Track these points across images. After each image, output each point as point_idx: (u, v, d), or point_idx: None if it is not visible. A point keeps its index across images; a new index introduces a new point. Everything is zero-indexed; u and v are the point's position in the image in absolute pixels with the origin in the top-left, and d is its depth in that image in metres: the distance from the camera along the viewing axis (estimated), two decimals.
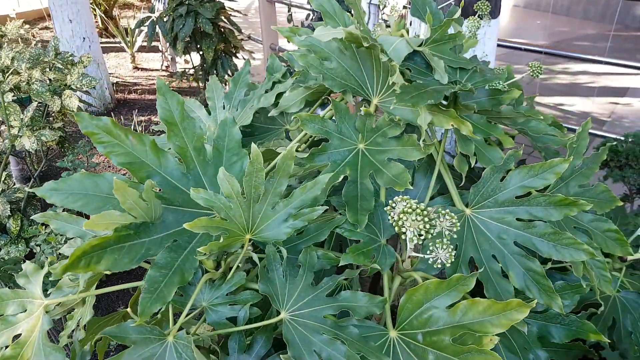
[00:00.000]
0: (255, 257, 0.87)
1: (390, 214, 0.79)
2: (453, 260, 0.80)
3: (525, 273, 1.06)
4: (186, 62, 6.41)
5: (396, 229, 0.74)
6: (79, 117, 0.89)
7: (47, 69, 2.69)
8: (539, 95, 1.55)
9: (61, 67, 2.76)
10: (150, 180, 0.87)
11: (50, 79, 2.69)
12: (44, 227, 2.35)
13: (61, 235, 2.27)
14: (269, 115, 1.24)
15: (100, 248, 0.83)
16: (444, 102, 1.13)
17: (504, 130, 1.21)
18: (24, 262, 2.25)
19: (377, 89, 1.10)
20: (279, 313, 0.84)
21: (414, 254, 0.85)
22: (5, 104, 2.49)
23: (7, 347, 0.90)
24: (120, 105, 5.30)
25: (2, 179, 2.70)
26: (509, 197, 1.11)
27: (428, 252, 0.83)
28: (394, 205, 0.78)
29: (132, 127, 4.66)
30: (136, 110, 5.12)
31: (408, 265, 0.96)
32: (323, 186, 0.89)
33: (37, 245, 2.30)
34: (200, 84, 5.32)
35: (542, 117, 1.28)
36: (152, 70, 6.45)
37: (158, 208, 0.93)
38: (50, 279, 0.90)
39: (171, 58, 6.47)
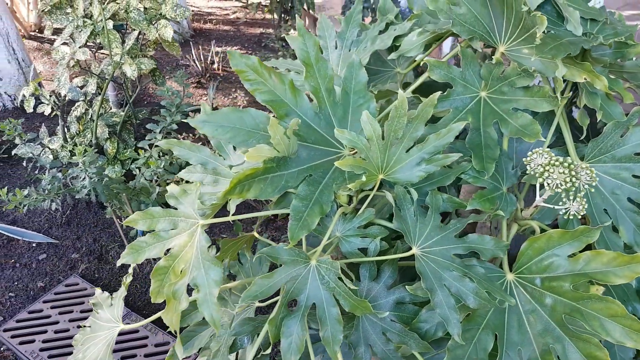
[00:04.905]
0: (390, 197, 0.93)
1: (529, 165, 0.82)
2: (584, 212, 0.83)
3: (635, 229, 1.08)
4: None
5: (540, 179, 0.78)
6: (231, 55, 0.95)
7: None
8: None
9: None
10: (296, 118, 0.93)
11: (145, 8, 2.77)
12: (143, 150, 2.52)
13: (159, 159, 2.43)
14: (388, 58, 1.26)
15: (251, 178, 0.92)
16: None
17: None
18: (125, 182, 2.43)
19: (505, 37, 1.10)
20: (409, 248, 0.92)
21: (542, 203, 0.89)
22: (106, 31, 2.61)
23: (159, 258, 1.03)
24: (197, 35, 5.39)
25: (100, 103, 2.87)
26: (627, 154, 1.11)
27: (560, 203, 0.86)
28: (534, 157, 0.81)
29: (210, 57, 4.76)
30: (214, 40, 5.20)
31: (527, 214, 1.00)
32: (456, 133, 0.93)
33: (136, 168, 2.48)
34: (275, 16, 5.30)
35: None
36: (226, 0, 6.44)
37: (294, 144, 1.01)
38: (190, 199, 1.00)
39: None
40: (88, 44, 2.93)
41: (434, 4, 1.09)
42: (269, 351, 0.92)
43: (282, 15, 5.34)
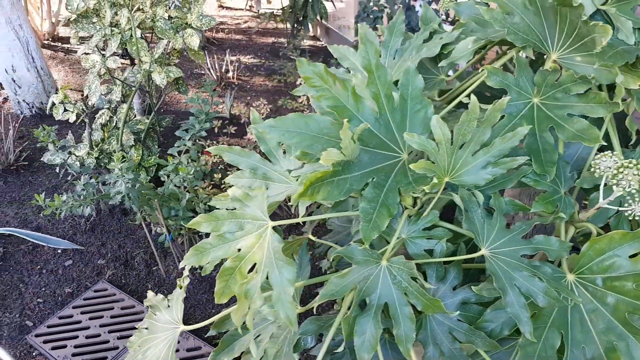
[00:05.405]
0: (457, 199, 0.96)
1: (595, 168, 0.85)
2: None
3: None
4: (269, 1, 6.42)
5: (613, 181, 0.81)
6: (299, 62, 0.99)
7: (169, 7, 2.81)
8: None
9: (179, 5, 2.88)
10: (365, 123, 0.96)
11: (170, 17, 2.81)
12: (172, 157, 2.55)
13: (187, 165, 2.46)
14: (439, 65, 1.29)
15: (320, 181, 0.95)
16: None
17: None
18: (154, 188, 2.45)
19: (558, 45, 1.13)
20: (478, 249, 0.94)
21: (606, 205, 0.92)
22: (135, 40, 2.65)
23: (226, 259, 1.05)
24: (210, 44, 5.44)
25: (127, 110, 2.91)
26: None
27: (625, 204, 0.89)
28: (603, 159, 0.84)
29: (224, 66, 4.81)
30: (228, 49, 5.24)
31: (584, 216, 1.02)
32: (521, 137, 0.96)
33: (165, 175, 2.51)
34: (288, 25, 5.35)
35: None
36: (237, 9, 6.51)
37: (357, 149, 1.04)
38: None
39: None
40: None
41: (489, 14, 1.13)
42: (341, 349, 0.95)
43: (295, 25, 5.40)
